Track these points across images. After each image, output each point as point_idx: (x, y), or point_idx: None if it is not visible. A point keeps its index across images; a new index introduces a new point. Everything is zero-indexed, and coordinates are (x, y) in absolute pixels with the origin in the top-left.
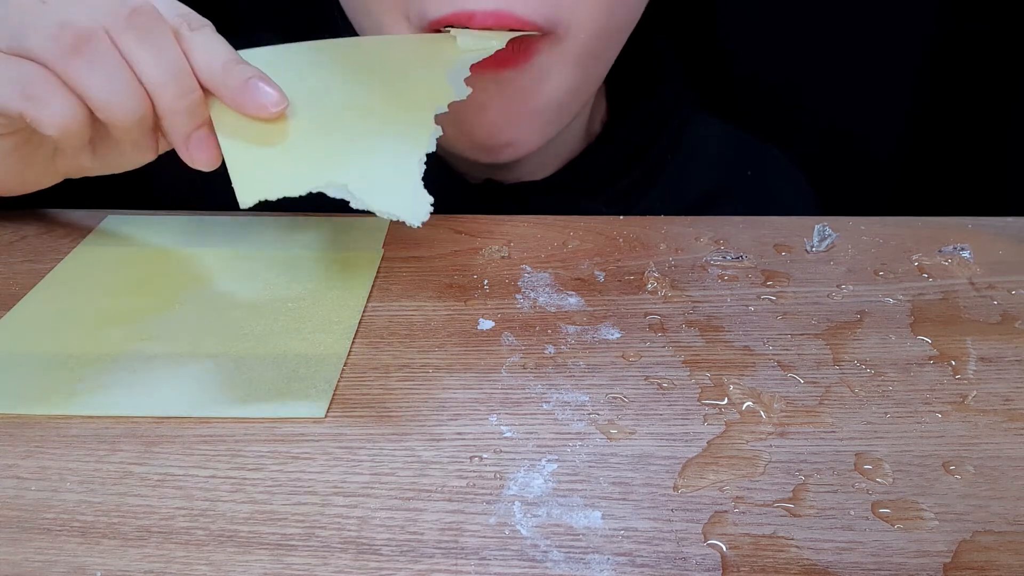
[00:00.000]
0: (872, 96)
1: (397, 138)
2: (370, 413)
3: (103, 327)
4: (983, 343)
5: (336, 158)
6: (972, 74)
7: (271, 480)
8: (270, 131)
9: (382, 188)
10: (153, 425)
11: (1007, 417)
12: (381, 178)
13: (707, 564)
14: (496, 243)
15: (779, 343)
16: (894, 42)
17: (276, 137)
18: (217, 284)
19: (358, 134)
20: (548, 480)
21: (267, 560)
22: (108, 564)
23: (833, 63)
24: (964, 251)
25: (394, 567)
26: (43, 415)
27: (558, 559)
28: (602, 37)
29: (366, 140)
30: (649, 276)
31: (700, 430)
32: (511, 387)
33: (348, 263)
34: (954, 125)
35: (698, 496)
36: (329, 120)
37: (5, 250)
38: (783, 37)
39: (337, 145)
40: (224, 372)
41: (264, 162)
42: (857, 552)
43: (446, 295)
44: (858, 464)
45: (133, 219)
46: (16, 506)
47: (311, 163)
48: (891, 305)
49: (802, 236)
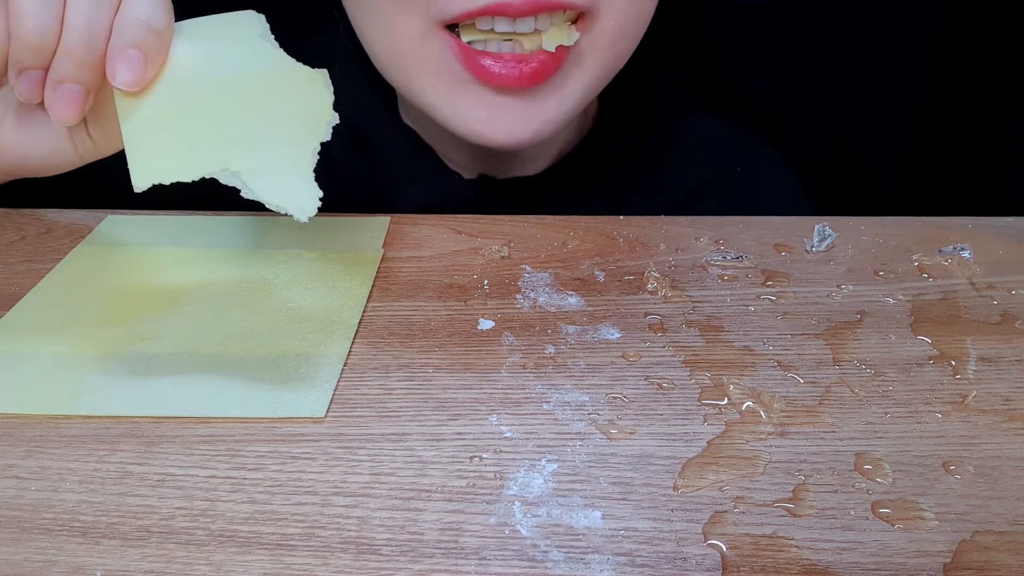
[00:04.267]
0: (872, 96)
1: (296, 128)
2: (370, 413)
3: (103, 327)
4: (983, 343)
5: (234, 145)
6: (972, 74)
7: (271, 480)
8: (170, 114)
9: (274, 178)
10: (153, 425)
11: (1007, 417)
12: (275, 168)
13: (707, 564)
14: (496, 243)
15: (779, 343)
16: (894, 42)
17: (176, 121)
18: (217, 284)
19: (259, 122)
20: (548, 480)
21: (267, 560)
22: (108, 564)
23: (833, 64)
24: (964, 251)
25: (394, 567)
26: (43, 415)
27: (558, 559)
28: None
29: (267, 128)
30: (649, 276)
31: (700, 430)
32: (511, 387)
33: (348, 263)
34: (954, 125)
35: (698, 496)
36: (232, 106)
37: (5, 250)
38: (784, 38)
39: (236, 132)
40: (224, 372)
41: (161, 146)
42: (857, 552)
43: (446, 295)
44: (858, 464)
45: (133, 219)
46: (16, 506)
47: (208, 149)
48: (891, 305)
49: (802, 236)
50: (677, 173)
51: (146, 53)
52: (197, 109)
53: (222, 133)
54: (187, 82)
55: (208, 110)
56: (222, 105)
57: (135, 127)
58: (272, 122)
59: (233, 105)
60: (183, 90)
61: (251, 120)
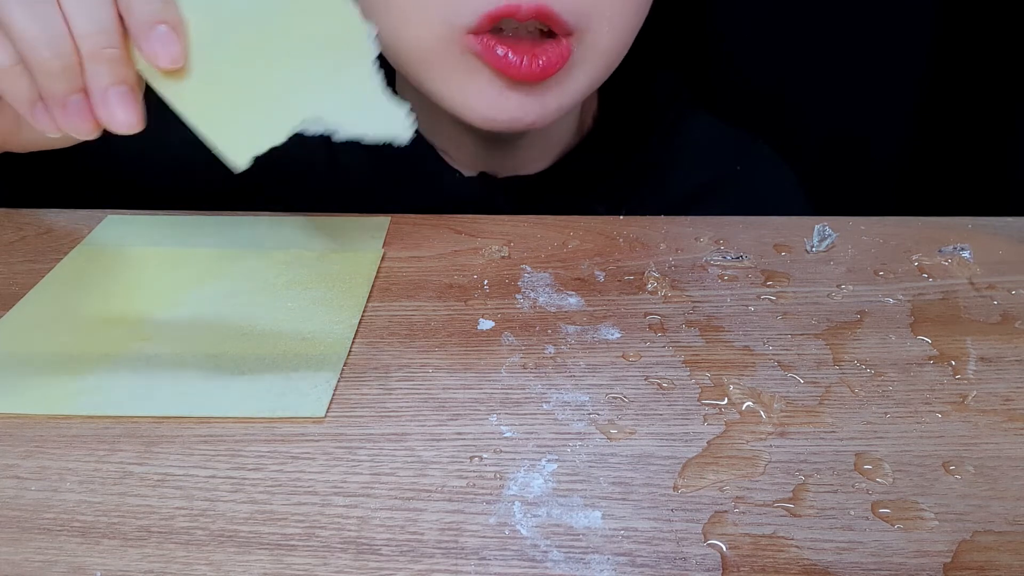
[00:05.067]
0: (872, 96)
1: (343, 53)
2: (370, 413)
3: (103, 327)
4: (983, 343)
5: (298, 91)
6: (972, 74)
7: (271, 480)
8: (223, 83)
9: (357, 110)
10: (153, 425)
11: (1007, 417)
12: (351, 101)
13: (707, 564)
14: (496, 243)
15: (779, 343)
16: (894, 42)
17: (232, 88)
18: (217, 284)
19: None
20: (548, 480)
21: (267, 560)
22: (108, 564)
23: (833, 63)
24: (964, 251)
25: (394, 567)
26: (43, 415)
27: (558, 559)
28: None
29: (318, 63)
30: (649, 276)
31: (700, 430)
32: (511, 387)
33: (348, 263)
34: (954, 125)
35: (698, 496)
36: (273, 52)
37: (5, 250)
38: (784, 38)
39: (293, 77)
40: (224, 372)
41: (235, 120)
42: (857, 552)
43: (446, 295)
44: (858, 464)
45: (133, 219)
46: (16, 506)
47: (279, 105)
48: (891, 305)
49: (802, 236)
50: (677, 173)
51: (171, 23)
52: (245, 68)
53: (282, 83)
54: (218, 43)
55: (256, 66)
56: (265, 55)
57: (198, 110)
58: (318, 55)
59: (274, 51)
60: (219, 52)
61: (298, 60)
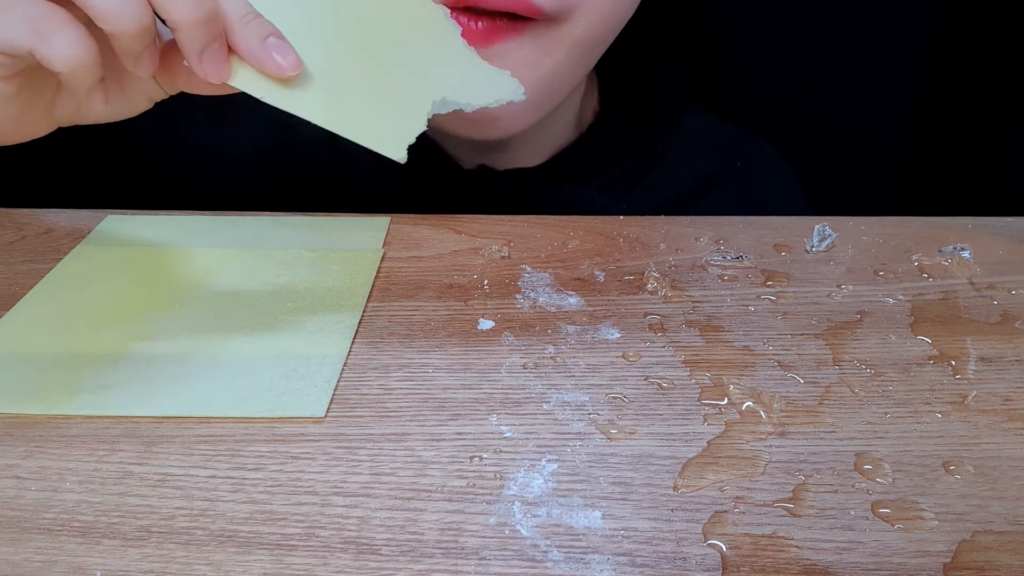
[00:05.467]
0: (872, 96)
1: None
2: (370, 413)
3: (103, 327)
4: (983, 343)
5: (413, 76)
6: (972, 74)
7: (271, 480)
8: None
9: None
10: (153, 425)
11: (1007, 417)
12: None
13: (707, 564)
14: (496, 243)
15: (779, 343)
16: (894, 42)
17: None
18: (217, 284)
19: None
20: (548, 480)
21: (267, 560)
22: (108, 564)
23: (833, 63)
24: (964, 251)
25: (394, 567)
26: (43, 415)
27: (558, 559)
28: (600, 28)
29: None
30: (649, 276)
31: (700, 430)
32: (511, 387)
33: (348, 263)
34: (954, 125)
35: (698, 496)
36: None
37: (5, 250)
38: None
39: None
40: (224, 372)
41: (375, 117)
42: (857, 552)
43: (446, 295)
44: (858, 464)
45: (133, 219)
46: (16, 506)
47: (407, 93)
48: (891, 305)
49: (802, 236)
50: (677, 168)
51: (276, 34)
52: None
53: (398, 70)
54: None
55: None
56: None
57: (335, 115)
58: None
59: (375, 47)
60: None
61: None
